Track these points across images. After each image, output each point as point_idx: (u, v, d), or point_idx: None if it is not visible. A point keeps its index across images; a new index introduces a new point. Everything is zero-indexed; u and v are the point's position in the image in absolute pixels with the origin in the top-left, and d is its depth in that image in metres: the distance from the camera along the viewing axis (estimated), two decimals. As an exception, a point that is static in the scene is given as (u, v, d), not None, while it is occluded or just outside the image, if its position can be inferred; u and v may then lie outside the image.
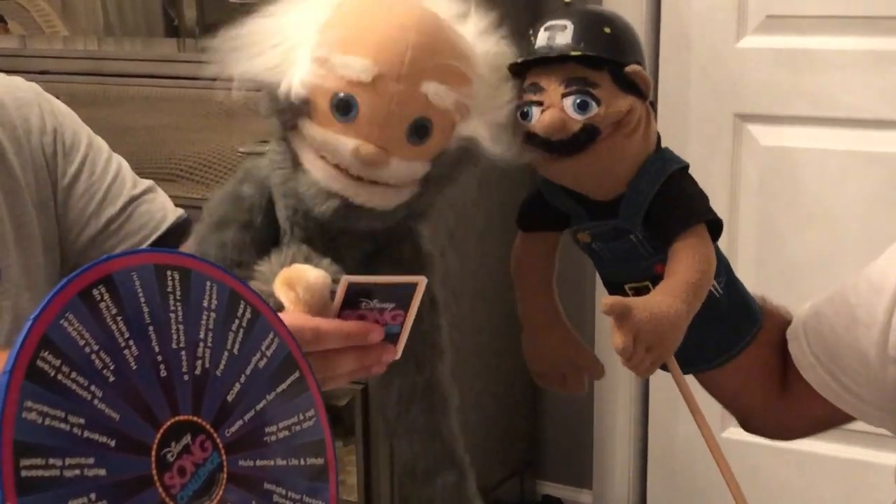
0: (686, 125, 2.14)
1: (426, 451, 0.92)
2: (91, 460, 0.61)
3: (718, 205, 0.89)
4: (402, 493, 1.90)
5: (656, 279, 0.87)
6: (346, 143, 0.79)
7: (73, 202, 1.10)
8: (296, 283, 0.81)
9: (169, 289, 0.68)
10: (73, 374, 0.61)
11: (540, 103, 0.82)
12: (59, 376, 0.61)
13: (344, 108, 0.78)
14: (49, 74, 2.03)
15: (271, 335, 0.74)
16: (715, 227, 0.88)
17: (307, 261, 0.84)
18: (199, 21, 2.33)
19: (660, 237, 0.86)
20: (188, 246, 0.90)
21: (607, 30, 0.83)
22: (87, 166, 1.11)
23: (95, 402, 0.62)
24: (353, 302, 0.82)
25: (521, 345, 0.97)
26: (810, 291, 2.05)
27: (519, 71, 0.85)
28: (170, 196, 1.93)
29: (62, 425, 0.60)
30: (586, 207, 0.89)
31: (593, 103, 0.81)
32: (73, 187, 1.10)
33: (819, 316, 0.98)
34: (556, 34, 0.83)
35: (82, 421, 0.61)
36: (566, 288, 0.98)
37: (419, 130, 0.80)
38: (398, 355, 0.86)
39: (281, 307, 0.81)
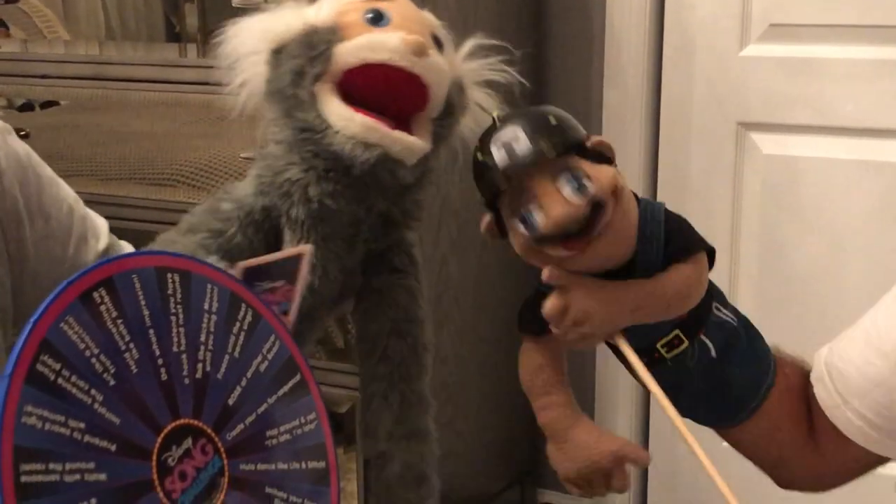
0: (688, 133, 2.13)
1: (423, 454, 0.93)
2: (91, 465, 0.60)
3: (720, 213, 0.89)
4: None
5: (683, 325, 0.89)
6: (393, 36, 0.85)
7: (35, 265, 1.01)
8: None
9: (169, 291, 0.68)
10: (74, 378, 0.61)
11: (538, 206, 0.83)
12: (60, 380, 0.60)
13: (377, 17, 0.87)
14: (50, 79, 2.02)
15: (272, 338, 0.73)
16: (710, 257, 0.89)
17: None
18: (201, 27, 2.32)
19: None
20: (150, 247, 0.89)
21: (553, 121, 0.84)
22: (53, 227, 1.03)
23: (96, 406, 0.61)
24: (248, 286, 0.82)
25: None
26: (812, 300, 2.06)
27: (495, 194, 0.85)
28: (171, 201, 1.92)
29: (62, 430, 0.60)
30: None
31: (586, 181, 0.82)
32: (36, 251, 1.01)
33: (840, 354, 0.96)
34: (513, 146, 0.83)
35: (82, 425, 0.61)
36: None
37: (437, 41, 0.89)
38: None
39: None
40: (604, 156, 0.84)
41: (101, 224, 1.10)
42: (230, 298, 0.71)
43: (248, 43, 0.89)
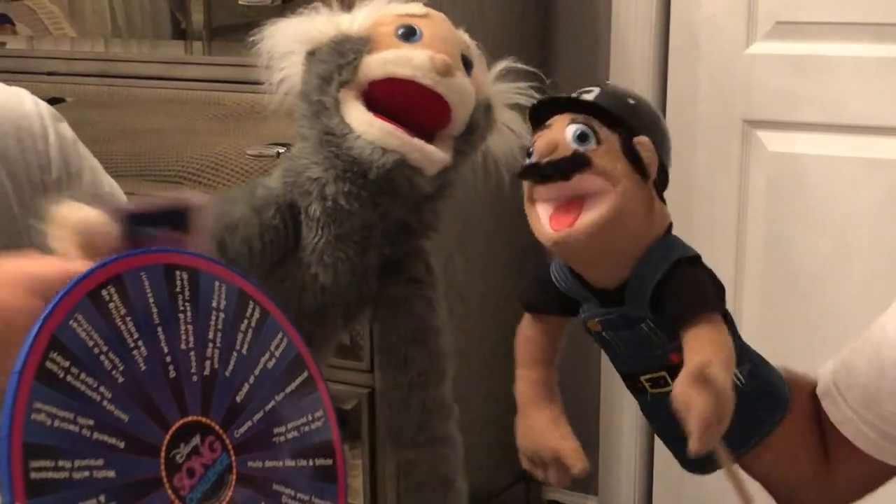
0: (694, 131, 2.13)
1: (447, 457, 0.95)
2: (100, 462, 0.61)
3: (726, 211, 0.87)
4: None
5: (672, 369, 0.85)
6: (420, 53, 0.86)
7: None
8: (66, 221, 0.71)
9: (178, 289, 0.68)
10: (82, 375, 0.61)
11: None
12: (68, 377, 0.60)
13: (409, 33, 0.88)
14: (56, 76, 2.03)
15: (280, 335, 0.74)
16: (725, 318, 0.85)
17: None
18: (207, 24, 2.33)
19: (671, 324, 0.84)
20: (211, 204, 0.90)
21: (631, 101, 0.85)
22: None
23: (104, 403, 0.62)
24: (131, 234, 0.74)
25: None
26: (818, 298, 2.05)
27: (537, 121, 0.86)
28: (177, 198, 1.91)
29: (71, 427, 0.60)
30: (596, 295, 0.87)
31: (593, 138, 0.80)
32: None
33: (848, 367, 0.95)
34: (582, 94, 0.85)
35: (91, 422, 0.61)
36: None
37: (466, 62, 0.90)
38: None
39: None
40: (639, 159, 0.82)
41: None
42: (238, 296, 0.72)
43: (285, 43, 0.90)
